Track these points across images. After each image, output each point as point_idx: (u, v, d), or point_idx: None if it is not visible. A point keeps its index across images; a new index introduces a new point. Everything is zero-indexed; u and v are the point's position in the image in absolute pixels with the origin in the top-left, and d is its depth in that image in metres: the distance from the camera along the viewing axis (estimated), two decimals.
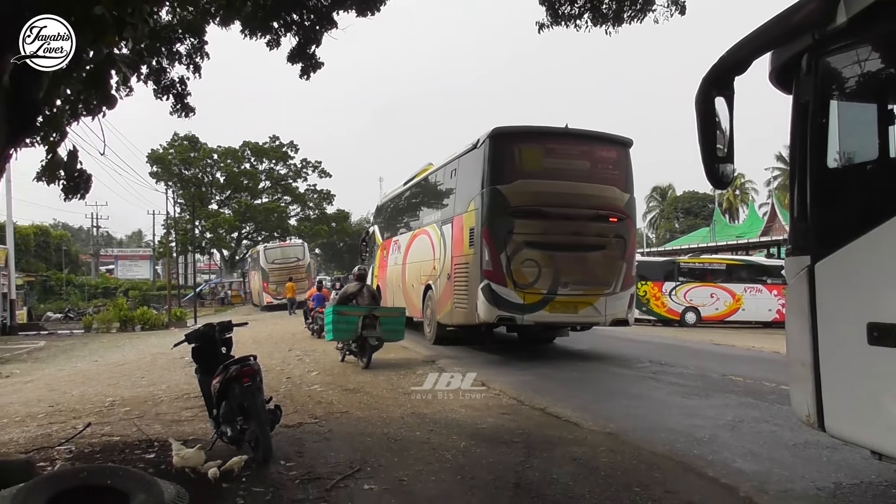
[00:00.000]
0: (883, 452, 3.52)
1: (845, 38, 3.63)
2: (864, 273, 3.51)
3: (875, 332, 3.31)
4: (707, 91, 4.13)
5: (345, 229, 61.31)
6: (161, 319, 29.02)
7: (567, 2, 8.67)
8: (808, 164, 3.88)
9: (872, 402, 3.44)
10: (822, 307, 3.73)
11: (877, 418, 3.41)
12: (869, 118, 3.72)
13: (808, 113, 3.89)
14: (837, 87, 3.90)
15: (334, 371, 10.32)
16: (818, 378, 3.75)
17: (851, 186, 3.79)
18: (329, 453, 5.41)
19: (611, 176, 11.45)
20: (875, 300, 3.39)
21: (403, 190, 17.97)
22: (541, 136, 11.54)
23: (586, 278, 11.02)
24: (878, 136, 3.63)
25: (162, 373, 11.26)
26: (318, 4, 9.13)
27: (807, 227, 3.91)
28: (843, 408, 3.67)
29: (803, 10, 3.74)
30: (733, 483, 4.58)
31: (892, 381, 3.27)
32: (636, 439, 5.85)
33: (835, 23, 3.59)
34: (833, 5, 3.56)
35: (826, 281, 3.72)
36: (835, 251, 3.65)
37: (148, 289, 49.64)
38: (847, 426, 3.69)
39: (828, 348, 3.70)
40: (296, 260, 36.63)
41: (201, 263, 69.09)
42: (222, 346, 5.89)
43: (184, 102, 9.42)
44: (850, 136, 3.86)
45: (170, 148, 51.70)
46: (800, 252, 3.94)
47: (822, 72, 3.82)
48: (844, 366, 3.62)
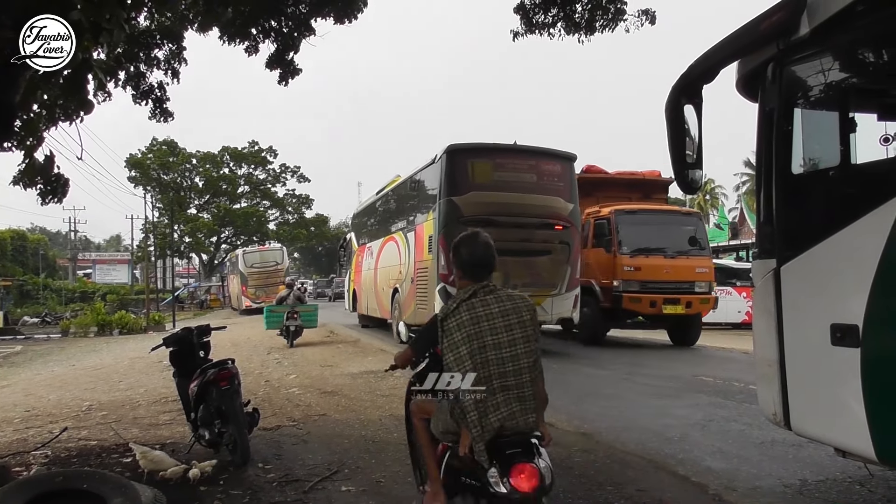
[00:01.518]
0: (846, 450, 3.62)
1: (808, 48, 3.74)
2: (827, 276, 3.61)
3: (838, 333, 3.43)
4: (676, 99, 4.24)
5: (324, 233, 61.15)
6: (139, 323, 28.68)
7: (541, 11, 8.79)
8: (773, 170, 3.99)
9: (835, 400, 3.55)
10: (788, 309, 3.84)
11: (840, 417, 3.52)
12: (831, 125, 3.78)
13: (772, 120, 4.00)
14: (801, 95, 4.00)
15: (312, 374, 10.35)
16: (784, 377, 3.86)
17: (814, 192, 3.89)
18: (307, 455, 5.47)
19: (556, 187, 12.41)
20: (837, 302, 3.50)
21: (375, 199, 19.01)
22: (491, 152, 12.44)
23: (534, 281, 11.85)
24: (840, 143, 3.69)
25: (140, 377, 11.22)
26: (296, 12, 9.17)
27: (772, 231, 4.03)
28: (807, 407, 3.78)
29: (768, 20, 3.84)
30: (703, 481, 4.70)
31: (853, 380, 3.35)
32: (609, 439, 5.97)
33: (798, 33, 3.71)
34: (796, 16, 3.68)
35: (791, 283, 3.83)
36: (799, 254, 3.76)
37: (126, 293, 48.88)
38: (812, 424, 3.80)
39: (793, 349, 3.81)
40: (274, 264, 36.48)
41: (180, 267, 68.52)
42: (200, 349, 5.92)
43: (162, 107, 9.41)
44: (814, 143, 3.97)
45: (148, 153, 51.25)
46: (766, 255, 4.07)
47: (786, 80, 3.93)
48: (809, 366, 3.73)
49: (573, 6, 8.80)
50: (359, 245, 20.14)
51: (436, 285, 11.83)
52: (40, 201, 5.28)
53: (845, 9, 3.42)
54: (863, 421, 3.32)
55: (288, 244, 52.43)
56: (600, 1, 8.77)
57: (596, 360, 11.71)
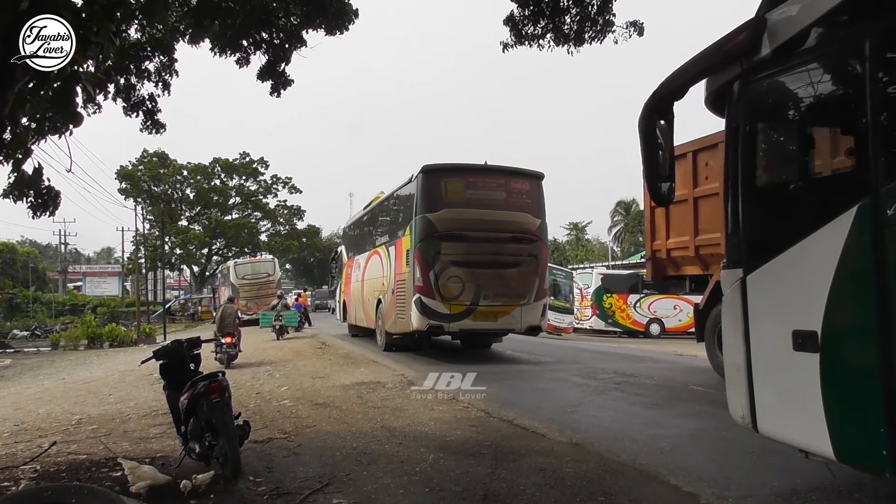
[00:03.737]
0: (808, 450, 3.80)
1: (770, 68, 3.96)
2: (788, 284, 3.80)
3: (799, 339, 3.64)
4: (649, 115, 4.42)
5: (315, 244, 61.07)
6: (130, 336, 28.51)
7: (530, 22, 8.87)
8: (738, 183, 4.20)
9: (797, 403, 3.74)
10: (753, 316, 4.05)
11: (801, 419, 3.71)
12: (791, 141, 4.06)
13: (738, 136, 4.22)
14: (764, 112, 4.21)
15: (304, 386, 10.31)
16: (751, 382, 4.05)
17: (776, 204, 4.12)
18: (298, 468, 5.44)
19: (524, 204, 13.16)
20: (798, 310, 3.70)
21: (362, 214, 20.05)
22: (464, 171, 13.36)
23: (504, 291, 12.75)
24: (799, 158, 3.91)
25: (130, 390, 11.14)
26: (287, 24, 9.23)
27: (739, 241, 4.24)
28: (772, 409, 3.98)
29: (733, 41, 4.06)
30: (695, 490, 4.69)
31: (813, 384, 3.56)
32: (601, 449, 5.95)
33: (760, 54, 3.94)
34: (758, 37, 3.90)
35: (756, 292, 4.03)
36: (763, 264, 3.96)
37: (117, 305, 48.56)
38: (777, 426, 3.98)
39: (759, 354, 4.01)
40: (266, 275, 36.31)
41: (171, 279, 68.12)
42: (190, 362, 5.91)
43: (154, 119, 9.42)
44: (775, 158, 4.23)
45: (139, 164, 51.18)
46: (733, 265, 4.25)
47: (749, 98, 4.15)
48: (773, 370, 3.93)
49: (562, 18, 8.89)
50: (348, 258, 21.03)
51: (412, 296, 12.55)
52: (31, 214, 5.25)
53: (802, 31, 3.66)
54: (822, 422, 3.52)
55: (279, 255, 52.28)
56: (589, 13, 8.87)
57: (586, 370, 11.72)
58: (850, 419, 3.47)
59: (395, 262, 14.33)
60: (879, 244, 3.29)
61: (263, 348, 18.21)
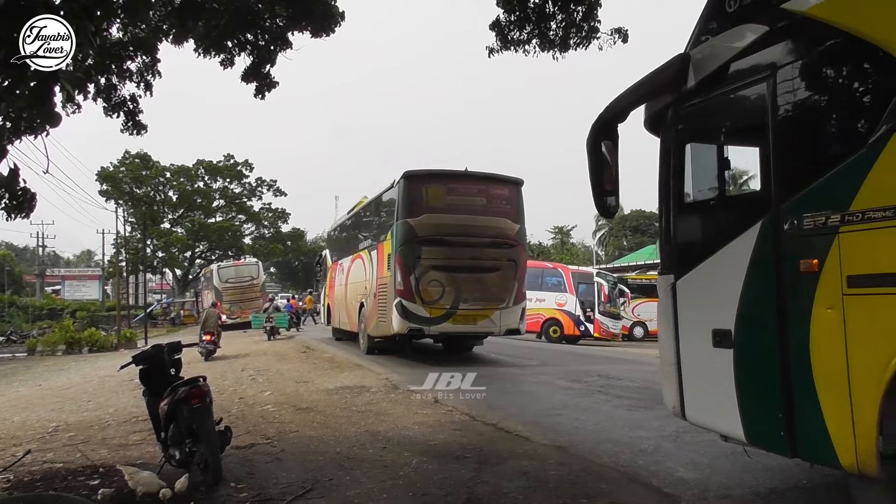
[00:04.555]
0: (727, 435, 4.36)
1: (695, 97, 4.54)
2: (709, 288, 4.38)
3: (717, 337, 4.22)
4: (595, 136, 4.96)
5: (300, 248, 60.77)
6: (110, 341, 28.18)
7: (516, 28, 8.90)
8: (669, 198, 4.78)
9: (716, 394, 4.27)
10: (682, 317, 4.62)
11: (720, 407, 4.25)
12: (712, 162, 4.56)
13: (669, 156, 4.77)
14: (690, 135, 4.73)
15: (287, 391, 10.23)
16: (680, 375, 4.61)
17: (699, 218, 4.74)
18: (280, 474, 5.39)
19: (503, 210, 13.44)
20: (716, 311, 4.26)
21: (346, 219, 20.48)
22: (444, 177, 13.55)
23: (483, 295, 12.98)
24: (718, 177, 4.51)
25: (110, 396, 10.99)
26: (272, 25, 9.18)
27: (670, 250, 4.83)
28: (697, 400, 4.55)
29: (664, 73, 4.63)
30: (676, 492, 4.73)
31: (728, 376, 4.12)
32: (584, 451, 5.98)
33: (687, 85, 4.53)
34: (685, 71, 4.51)
35: (684, 295, 4.60)
36: (689, 271, 4.55)
37: (97, 309, 47.96)
38: (701, 415, 4.57)
39: (686, 350, 4.58)
40: (250, 279, 36.12)
41: (153, 283, 67.42)
42: (171, 367, 5.83)
43: (135, 120, 9.32)
44: (700, 177, 4.72)
45: (121, 166, 50.48)
46: (667, 272, 4.82)
47: (678, 123, 4.71)
48: (697, 365, 4.50)
49: (548, 24, 8.93)
50: (332, 262, 21.20)
51: (393, 300, 12.74)
52: (6, 216, 5.16)
53: (719, 68, 4.29)
54: (735, 410, 4.09)
55: (264, 259, 51.94)
56: (574, 19, 8.91)
57: (570, 373, 11.75)
58: (756, 407, 4.03)
59: (377, 266, 14.52)
60: (778, 254, 3.84)
61: (248, 352, 18.11)
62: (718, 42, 4.36)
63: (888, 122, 3.30)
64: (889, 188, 3.29)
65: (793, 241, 3.76)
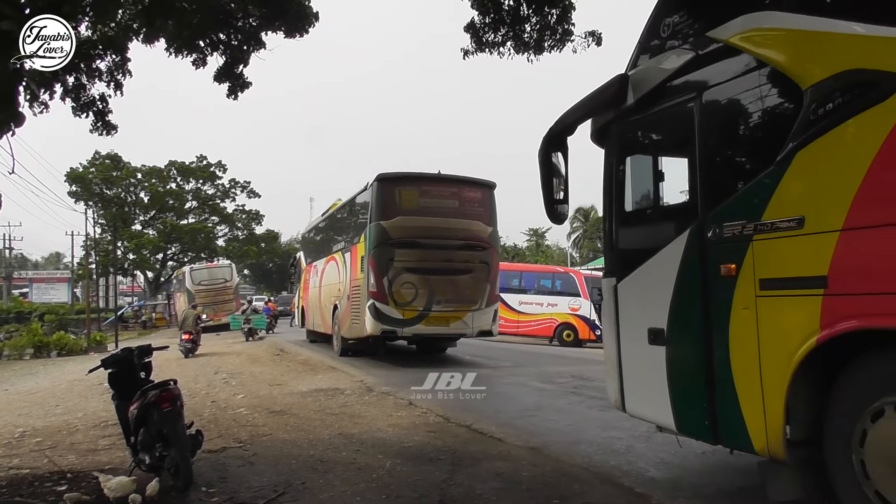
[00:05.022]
0: (661, 425, 4.79)
1: (634, 114, 4.92)
2: (645, 291, 4.76)
3: (652, 335, 4.58)
4: (546, 148, 5.32)
5: (274, 250, 60.32)
6: (79, 344, 27.64)
7: (490, 30, 8.94)
8: (612, 207, 5.16)
9: (652, 387, 4.64)
10: (622, 317, 5.00)
11: (654, 400, 4.63)
12: (649, 174, 4.93)
13: (611, 168, 5.15)
14: (630, 149, 5.13)
15: (261, 393, 10.15)
16: (621, 371, 5.01)
17: (637, 226, 5.09)
18: (253, 477, 5.34)
19: (476, 212, 13.58)
20: (652, 310, 4.60)
21: (320, 221, 20.69)
22: (417, 180, 13.70)
23: (456, 297, 13.11)
24: (654, 188, 4.89)
25: (79, 400, 10.81)
26: (245, 25, 9.10)
27: (613, 255, 5.24)
28: (635, 393, 4.94)
29: (606, 91, 4.97)
30: (647, 491, 4.78)
31: (661, 371, 4.50)
32: (557, 452, 6.02)
33: (627, 102, 4.88)
34: (624, 89, 4.87)
35: (624, 297, 4.98)
36: (629, 274, 4.92)
37: (66, 312, 46.98)
38: (639, 407, 4.95)
39: (626, 348, 4.96)
40: (223, 281, 35.77)
41: (124, 285, 66.44)
42: (141, 370, 5.72)
43: (105, 120, 9.19)
44: (638, 187, 5.07)
45: (90, 167, 49.67)
46: (609, 275, 5.20)
47: (620, 137, 5.11)
48: (636, 361, 4.88)
49: (522, 26, 8.98)
50: (307, 264, 21.23)
51: (367, 302, 12.82)
52: None
53: (654, 88, 4.65)
54: (667, 402, 4.47)
55: (237, 261, 51.48)
56: (548, 21, 8.97)
57: (543, 375, 11.82)
58: (685, 399, 4.41)
59: (350, 268, 14.61)
60: (703, 259, 4.20)
61: (220, 354, 17.95)
62: (653, 64, 4.73)
63: (793, 141, 3.63)
64: (792, 201, 3.65)
65: (715, 247, 4.12)
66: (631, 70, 4.94)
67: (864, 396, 3.43)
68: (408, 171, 13.96)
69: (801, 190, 3.64)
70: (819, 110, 3.52)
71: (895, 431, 3.29)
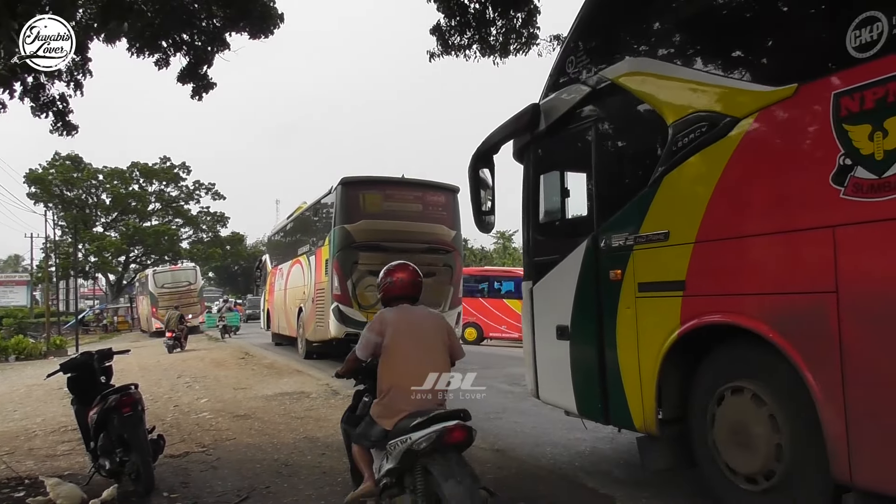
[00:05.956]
0: (568, 411, 5.48)
1: (545, 138, 5.65)
2: (554, 293, 5.41)
3: (559, 331, 5.29)
4: (475, 165, 6.13)
5: (240, 252, 59.61)
6: (38, 348, 26.91)
7: (456, 33, 8.98)
8: (528, 218, 5.88)
9: (559, 377, 5.35)
10: (537, 315, 5.72)
11: (561, 388, 5.34)
12: (558, 190, 5.63)
13: (529, 184, 5.87)
14: (542, 168, 5.78)
15: (225, 397, 10.04)
16: (536, 363, 5.75)
17: (548, 235, 5.74)
18: (216, 482, 5.31)
19: (440, 216, 13.72)
20: (559, 310, 5.28)
21: (286, 223, 20.65)
22: (381, 184, 13.86)
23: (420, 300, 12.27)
24: (561, 203, 5.60)
25: (37, 405, 10.58)
26: (209, 25, 9.01)
27: (529, 261, 5.89)
28: (547, 382, 5.67)
29: (522, 117, 5.68)
30: (610, 493, 4.84)
31: (566, 362, 5.24)
32: (522, 455, 6.08)
33: (539, 128, 5.61)
34: (537, 116, 5.58)
35: (538, 298, 5.70)
36: (541, 278, 5.62)
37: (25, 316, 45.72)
38: (550, 395, 5.67)
39: (539, 342, 5.68)
40: (187, 284, 35.20)
41: (85, 288, 64.98)
42: (102, 374, 5.64)
43: (65, 120, 9.02)
44: (549, 202, 5.76)
45: (50, 168, 48.52)
46: (527, 279, 5.88)
47: (535, 157, 5.82)
48: (547, 354, 5.59)
49: (488, 29, 9.05)
50: (272, 266, 21.30)
51: (330, 305, 12.92)
52: None
53: (561, 116, 5.35)
54: (570, 389, 5.21)
55: (202, 263, 50.74)
56: (514, 25, 9.06)
57: (509, 377, 11.87)
58: (583, 386, 5.12)
59: (315, 271, 14.70)
60: (597, 266, 4.93)
61: (184, 358, 17.67)
62: (559, 95, 5.44)
63: (661, 167, 4.34)
64: (661, 217, 4.38)
65: (606, 255, 4.85)
66: (543, 100, 5.66)
67: (713, 383, 4.16)
68: (372, 175, 14.11)
69: (667, 208, 4.35)
70: (679, 143, 4.23)
71: (733, 414, 4.00)
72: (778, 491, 3.73)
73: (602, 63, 5.04)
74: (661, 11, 4.78)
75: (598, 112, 5.07)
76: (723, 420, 4.07)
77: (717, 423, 4.10)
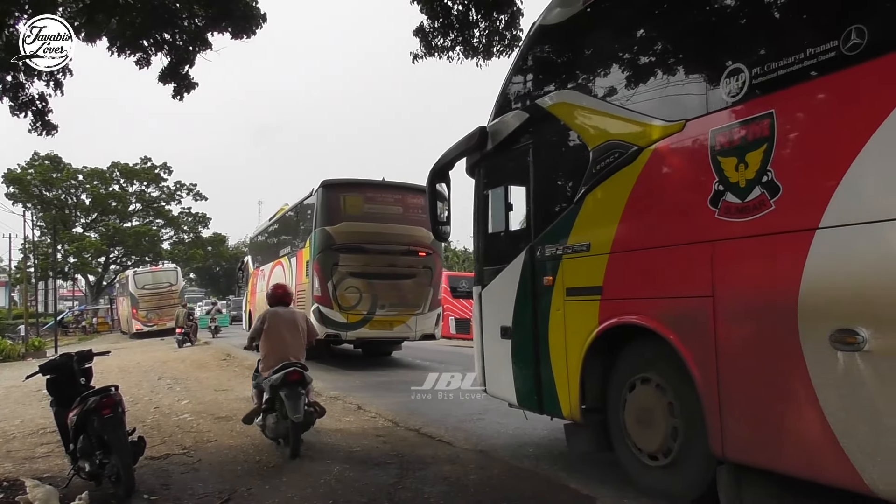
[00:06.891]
0: (509, 402, 6.08)
1: (493, 157, 6.26)
2: (499, 296, 6.03)
3: (503, 331, 5.91)
4: (432, 180, 6.79)
5: (221, 253, 59.25)
6: (17, 350, 26.58)
7: (440, 35, 9.00)
8: (478, 229, 6.52)
9: (503, 373, 5.97)
10: (484, 317, 6.32)
11: (504, 382, 5.97)
12: (503, 204, 6.15)
13: (478, 198, 6.50)
14: (489, 184, 6.37)
15: (206, 399, 9.97)
16: (483, 360, 6.35)
17: (495, 245, 6.31)
18: (197, 484, 5.27)
19: (420, 219, 13.41)
20: (503, 312, 5.90)
21: (268, 225, 20.87)
22: (362, 187, 14.08)
23: (399, 301, 13.53)
24: (505, 216, 6.13)
25: (16, 407, 10.47)
26: (191, 25, 8.96)
27: (479, 268, 6.56)
28: (492, 377, 6.26)
29: (472, 139, 6.28)
30: (593, 493, 4.85)
31: (507, 359, 5.88)
32: (506, 455, 6.09)
33: (486, 148, 6.20)
34: (485, 137, 6.18)
35: (486, 301, 6.32)
36: (489, 283, 6.23)
37: (3, 317, 45.24)
38: (495, 389, 6.24)
39: (486, 342, 6.29)
40: (168, 285, 34.92)
41: (64, 289, 64.22)
42: (81, 376, 5.58)
43: (44, 120, 8.92)
44: (495, 215, 6.30)
45: (29, 168, 47.89)
46: (477, 284, 6.52)
47: (483, 174, 6.46)
48: (493, 352, 6.19)
49: (471, 31, 9.07)
50: (254, 268, 21.38)
51: (311, 306, 13.08)
52: None
53: (504, 138, 5.94)
54: (512, 384, 5.85)
55: (183, 264, 50.35)
56: (497, 27, 9.09)
57: None
58: (521, 380, 5.75)
59: (296, 272, 14.84)
60: (533, 273, 5.55)
61: (165, 360, 17.52)
62: (502, 119, 6.02)
63: (584, 186, 4.97)
64: (583, 231, 5.02)
65: (540, 264, 5.46)
66: (490, 122, 6.22)
67: (625, 375, 4.83)
68: (352, 178, 14.27)
69: (588, 223, 4.98)
70: (597, 166, 4.86)
71: (640, 400, 4.68)
72: (674, 465, 4.42)
73: (538, 93, 5.77)
74: (582, 50, 5.46)
75: (535, 136, 5.68)
76: (632, 406, 4.76)
77: (627, 409, 4.81)
